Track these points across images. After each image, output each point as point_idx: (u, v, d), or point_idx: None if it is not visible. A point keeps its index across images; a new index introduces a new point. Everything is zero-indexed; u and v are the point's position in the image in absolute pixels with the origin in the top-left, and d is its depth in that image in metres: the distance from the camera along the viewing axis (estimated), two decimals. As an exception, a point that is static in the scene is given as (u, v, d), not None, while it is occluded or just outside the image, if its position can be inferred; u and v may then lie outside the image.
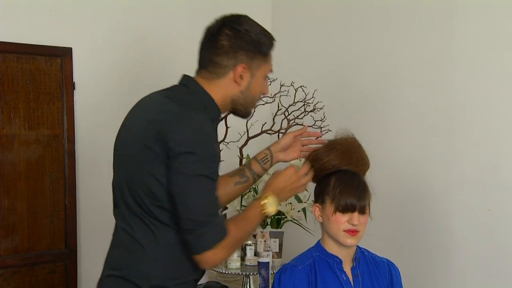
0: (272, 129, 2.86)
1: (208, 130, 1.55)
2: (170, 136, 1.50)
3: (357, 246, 1.77)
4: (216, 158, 1.56)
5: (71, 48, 2.79)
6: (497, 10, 2.33)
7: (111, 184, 1.69)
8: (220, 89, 1.66)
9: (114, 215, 1.68)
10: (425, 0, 2.59)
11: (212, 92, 1.65)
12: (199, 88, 1.65)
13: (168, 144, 1.50)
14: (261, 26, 1.69)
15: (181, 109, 1.55)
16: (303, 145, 1.96)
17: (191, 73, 1.71)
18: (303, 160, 1.90)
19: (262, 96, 1.76)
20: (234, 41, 1.63)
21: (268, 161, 1.94)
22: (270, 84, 2.92)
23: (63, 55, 2.77)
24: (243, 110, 1.73)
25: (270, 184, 1.74)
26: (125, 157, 1.62)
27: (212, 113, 1.66)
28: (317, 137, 1.99)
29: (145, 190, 1.55)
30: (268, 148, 1.95)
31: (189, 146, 1.49)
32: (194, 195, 1.52)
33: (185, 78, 1.70)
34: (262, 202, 1.68)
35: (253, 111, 1.78)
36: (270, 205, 1.69)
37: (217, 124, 1.76)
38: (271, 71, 1.74)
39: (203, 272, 1.73)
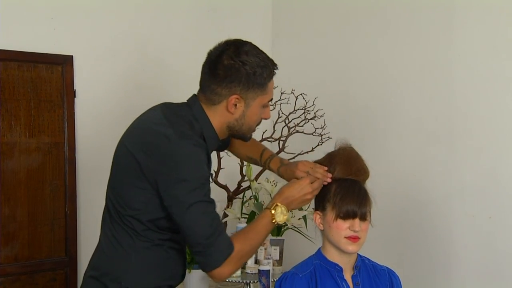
0: (273, 136, 2.87)
1: (199, 155, 1.61)
2: (162, 161, 1.58)
3: (358, 254, 1.76)
4: (207, 181, 1.64)
5: (72, 56, 2.80)
6: (496, 17, 2.33)
7: None
8: (217, 116, 1.70)
9: (102, 219, 1.78)
10: (425, 8, 2.60)
11: (211, 117, 1.70)
12: (202, 113, 1.69)
13: (159, 169, 1.58)
14: (261, 55, 1.68)
15: (175, 135, 1.60)
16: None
17: (191, 82, 1.71)
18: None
19: (262, 120, 1.78)
20: (230, 72, 1.64)
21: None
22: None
23: (64, 63, 2.77)
24: (240, 136, 1.77)
25: (283, 192, 1.76)
26: (115, 168, 1.72)
27: (210, 141, 1.70)
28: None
29: (124, 201, 1.66)
30: (278, 171, 1.93)
31: (183, 174, 1.58)
32: (196, 222, 1.61)
33: (192, 99, 1.74)
34: (272, 212, 1.71)
35: (252, 134, 1.80)
36: (280, 214, 1.71)
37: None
38: (271, 99, 1.75)
39: (180, 279, 1.81)
